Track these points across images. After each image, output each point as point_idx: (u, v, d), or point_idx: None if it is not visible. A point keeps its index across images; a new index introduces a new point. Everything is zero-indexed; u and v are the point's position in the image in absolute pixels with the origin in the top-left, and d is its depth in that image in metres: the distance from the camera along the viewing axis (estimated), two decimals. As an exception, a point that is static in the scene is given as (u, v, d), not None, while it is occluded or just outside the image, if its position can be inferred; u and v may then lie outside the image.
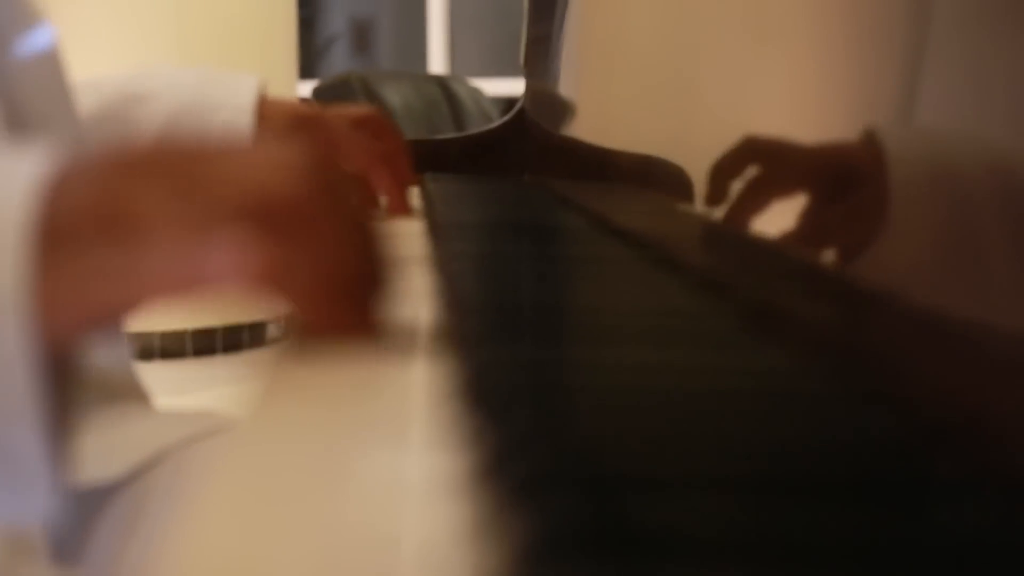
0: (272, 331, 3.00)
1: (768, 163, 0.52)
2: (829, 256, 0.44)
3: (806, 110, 0.49)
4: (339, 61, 4.47)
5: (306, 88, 3.57)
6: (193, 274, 0.35)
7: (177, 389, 2.51)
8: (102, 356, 0.66)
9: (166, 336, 2.82)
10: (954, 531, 0.24)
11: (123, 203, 0.35)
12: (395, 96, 3.21)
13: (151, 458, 0.67)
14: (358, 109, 0.85)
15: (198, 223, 0.35)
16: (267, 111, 0.81)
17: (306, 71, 3.82)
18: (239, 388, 2.60)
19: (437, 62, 4.31)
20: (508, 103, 3.90)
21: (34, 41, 0.60)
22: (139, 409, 0.72)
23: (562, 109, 1.07)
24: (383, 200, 0.87)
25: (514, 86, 3.88)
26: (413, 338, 0.42)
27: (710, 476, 0.27)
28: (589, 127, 0.98)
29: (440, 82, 3.64)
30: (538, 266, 0.58)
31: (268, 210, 0.36)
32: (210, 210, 0.35)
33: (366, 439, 0.32)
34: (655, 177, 0.71)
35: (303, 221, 0.37)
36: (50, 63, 0.61)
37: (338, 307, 0.38)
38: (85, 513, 0.63)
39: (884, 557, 0.23)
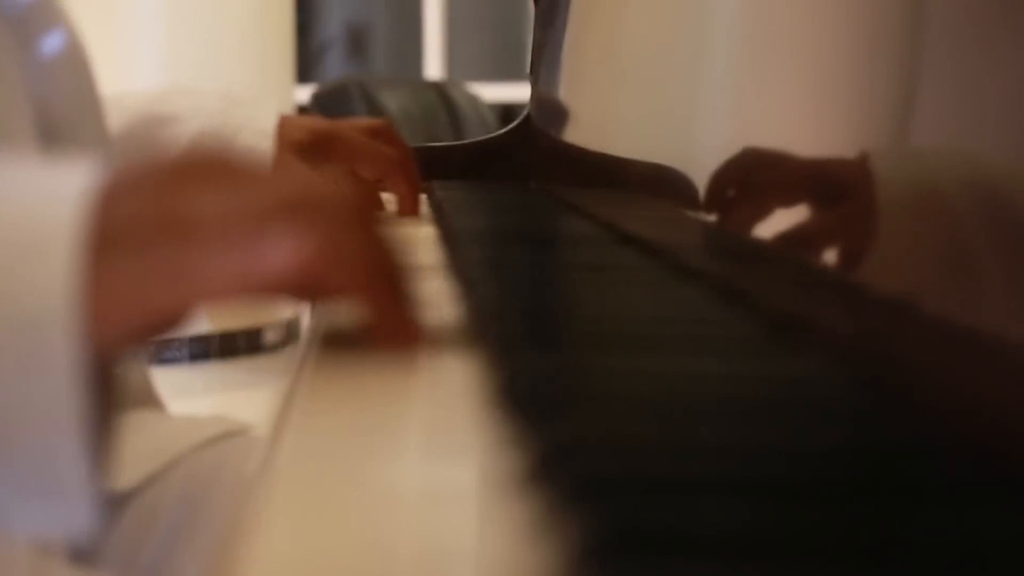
0: (269, 336, 3.00)
1: (764, 173, 0.53)
2: (825, 261, 0.46)
3: (803, 116, 0.51)
4: (335, 66, 4.47)
5: (303, 93, 3.58)
6: (249, 269, 0.35)
7: (176, 394, 2.50)
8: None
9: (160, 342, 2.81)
10: (975, 536, 0.25)
11: (172, 205, 0.36)
12: (393, 102, 3.22)
13: (166, 464, 0.68)
14: (368, 120, 0.88)
15: (249, 217, 0.36)
16: (286, 128, 0.83)
17: (303, 75, 3.83)
18: (244, 393, 2.61)
19: (433, 67, 4.32)
20: (506, 109, 3.90)
21: (59, 42, 0.61)
22: (154, 415, 0.73)
23: (565, 115, 1.09)
24: (395, 205, 0.89)
25: (512, 91, 3.89)
26: (448, 336, 0.43)
27: (748, 479, 0.28)
28: (588, 133, 0.99)
29: (438, 88, 3.65)
30: (555, 273, 0.59)
31: (314, 204, 0.37)
32: (260, 205, 0.36)
33: (405, 446, 0.32)
34: (662, 184, 0.72)
35: (346, 216, 0.38)
36: (77, 66, 0.63)
37: (391, 295, 0.39)
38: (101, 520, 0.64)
39: (906, 561, 0.24)
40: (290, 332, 3.07)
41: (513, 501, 0.27)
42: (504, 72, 4.04)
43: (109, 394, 0.37)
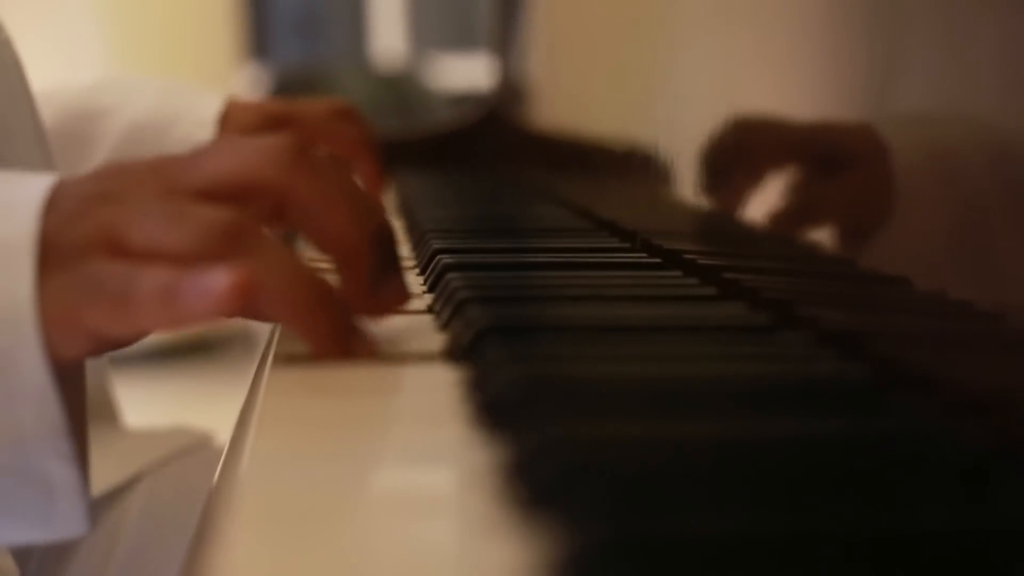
0: (212, 342, 2.97)
1: (759, 145, 0.52)
2: (831, 240, 0.45)
3: (784, 88, 0.50)
4: (290, 40, 4.42)
5: (255, 69, 3.57)
6: (177, 312, 0.36)
7: (133, 398, 2.48)
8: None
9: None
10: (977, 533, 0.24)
11: (111, 223, 0.37)
12: (347, 91, 3.21)
13: (126, 483, 0.66)
14: (329, 101, 0.85)
15: (182, 250, 0.36)
16: (234, 112, 0.80)
17: (254, 51, 3.81)
18: (205, 395, 2.59)
19: (392, 36, 4.26)
20: (464, 96, 3.88)
21: None
22: (111, 430, 0.71)
23: (532, 93, 1.07)
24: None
25: (474, 64, 3.84)
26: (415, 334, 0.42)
27: (728, 466, 0.27)
28: (557, 109, 0.98)
29: (393, 74, 3.64)
30: (525, 261, 0.58)
31: (242, 230, 0.37)
32: (190, 236, 0.36)
33: (375, 448, 0.32)
34: (631, 165, 0.71)
35: (287, 192, 0.39)
36: (6, 66, 0.61)
37: (327, 318, 0.39)
38: (59, 541, 0.63)
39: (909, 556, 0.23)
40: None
41: (491, 502, 0.27)
42: (466, 43, 3.99)
43: (74, 400, 0.38)
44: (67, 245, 0.36)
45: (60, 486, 0.37)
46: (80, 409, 0.39)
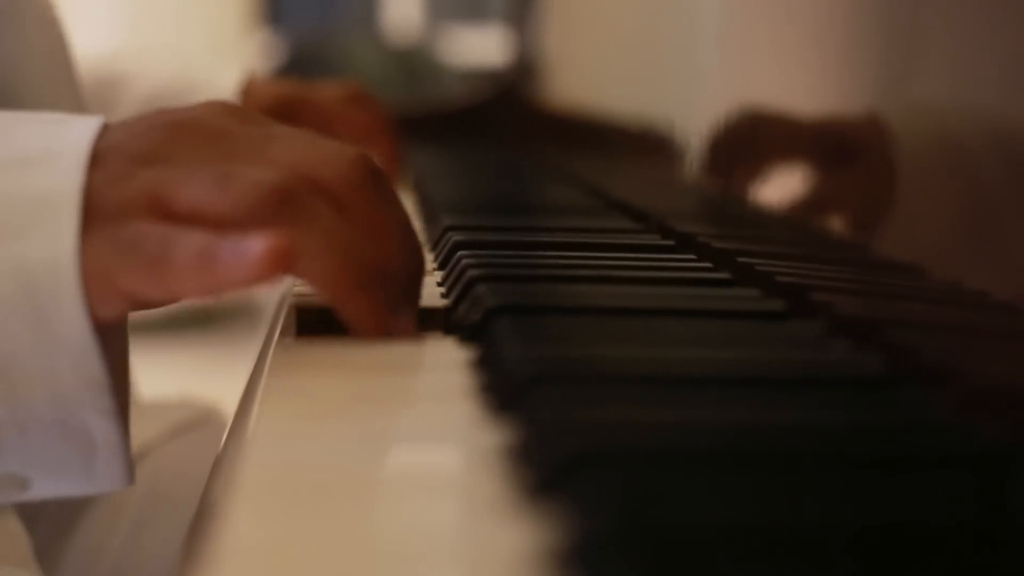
0: (219, 313, 2.97)
1: (769, 135, 0.52)
2: (844, 226, 0.45)
3: (800, 70, 0.49)
4: (302, 8, 4.40)
5: (267, 37, 3.55)
6: (213, 277, 0.36)
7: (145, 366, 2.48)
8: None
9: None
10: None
11: (158, 182, 0.37)
12: (361, 65, 3.20)
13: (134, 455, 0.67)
14: (343, 85, 0.85)
15: (232, 208, 0.36)
16: (252, 92, 0.80)
17: (267, 18, 3.81)
18: (216, 364, 2.59)
19: (407, 6, 4.24)
20: (478, 71, 3.86)
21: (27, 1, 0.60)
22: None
23: (545, 69, 1.07)
24: None
25: (488, 38, 3.82)
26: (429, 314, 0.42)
27: (738, 454, 0.27)
28: (571, 86, 0.98)
29: (406, 47, 3.63)
30: (539, 241, 0.58)
31: (301, 194, 0.36)
32: (243, 196, 0.36)
33: (383, 426, 0.32)
34: (645, 144, 0.71)
35: (346, 204, 0.38)
36: (48, 24, 0.61)
37: (371, 298, 0.38)
38: (66, 515, 0.63)
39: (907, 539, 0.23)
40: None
41: (497, 482, 0.27)
42: (482, 14, 3.97)
43: (117, 357, 0.38)
44: (111, 204, 0.36)
45: (101, 441, 0.37)
46: (123, 366, 0.39)
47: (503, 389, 0.33)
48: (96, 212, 0.36)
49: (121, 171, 0.37)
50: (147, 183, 0.36)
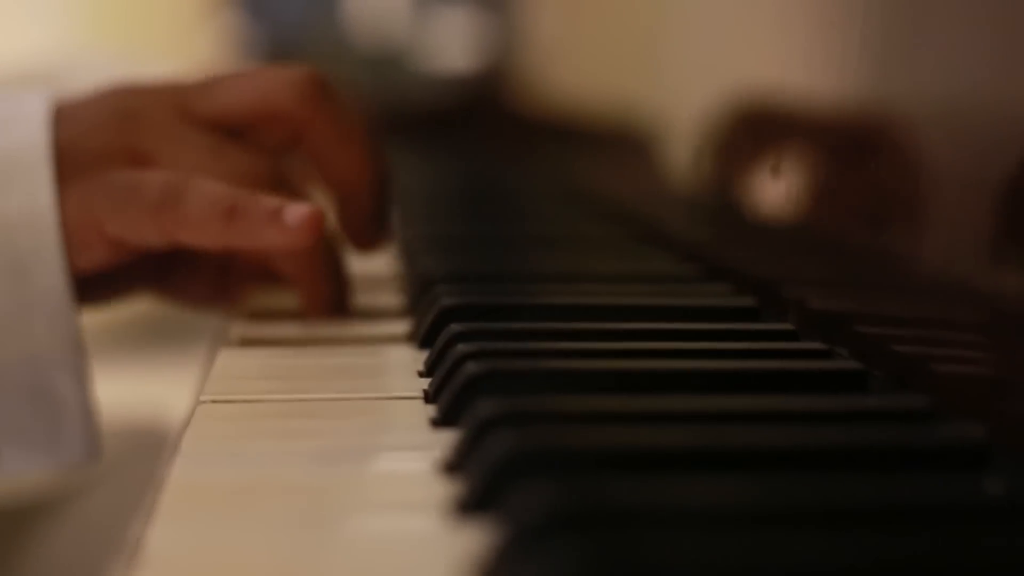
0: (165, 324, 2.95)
1: (767, 131, 0.51)
2: (849, 226, 0.43)
3: (799, 64, 0.49)
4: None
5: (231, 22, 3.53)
6: (235, 229, 0.37)
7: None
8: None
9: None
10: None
11: (129, 132, 0.38)
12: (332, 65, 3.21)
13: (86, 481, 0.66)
14: (299, 71, 0.83)
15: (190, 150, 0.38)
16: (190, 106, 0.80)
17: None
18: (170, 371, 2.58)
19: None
20: (456, 74, 3.85)
21: None
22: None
23: (531, 63, 1.07)
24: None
25: (468, 24, 3.78)
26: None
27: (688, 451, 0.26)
28: (556, 77, 0.98)
29: (382, 55, 3.64)
30: (507, 242, 0.58)
31: (266, 120, 0.39)
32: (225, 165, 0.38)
33: (328, 433, 0.31)
34: (625, 144, 0.71)
35: (307, 124, 0.40)
36: None
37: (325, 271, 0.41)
38: (21, 530, 0.62)
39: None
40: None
41: (443, 485, 0.26)
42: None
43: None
44: (87, 155, 0.37)
45: (68, 404, 0.38)
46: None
47: (459, 388, 0.32)
48: (73, 164, 0.37)
49: (93, 123, 0.38)
50: (122, 133, 0.38)
